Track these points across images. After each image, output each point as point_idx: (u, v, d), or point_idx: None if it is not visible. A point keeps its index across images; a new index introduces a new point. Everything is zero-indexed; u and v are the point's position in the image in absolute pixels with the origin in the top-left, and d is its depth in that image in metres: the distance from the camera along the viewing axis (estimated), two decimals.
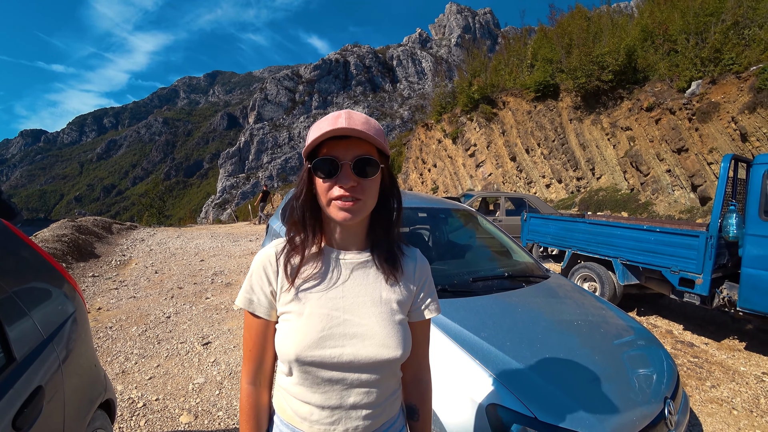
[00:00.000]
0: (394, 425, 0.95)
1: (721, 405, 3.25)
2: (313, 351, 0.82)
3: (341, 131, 0.77)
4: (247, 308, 0.89)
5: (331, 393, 0.85)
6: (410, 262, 0.97)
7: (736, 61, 14.34)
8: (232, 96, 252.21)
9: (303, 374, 0.84)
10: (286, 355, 0.83)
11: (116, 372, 3.43)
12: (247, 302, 0.89)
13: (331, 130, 0.77)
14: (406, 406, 1.02)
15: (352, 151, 0.80)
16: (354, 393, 0.85)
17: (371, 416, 0.87)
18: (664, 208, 15.40)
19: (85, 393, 1.75)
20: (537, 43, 24.45)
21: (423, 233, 3.30)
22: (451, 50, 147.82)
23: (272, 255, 0.90)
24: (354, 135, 0.79)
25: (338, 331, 0.84)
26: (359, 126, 0.78)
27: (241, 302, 0.90)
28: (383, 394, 0.89)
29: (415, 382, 1.02)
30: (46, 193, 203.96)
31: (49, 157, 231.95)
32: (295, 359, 0.82)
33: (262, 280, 0.89)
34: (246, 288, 0.90)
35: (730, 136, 13.77)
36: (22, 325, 1.40)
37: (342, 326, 0.84)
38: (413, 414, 1.01)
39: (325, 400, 0.85)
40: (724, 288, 4.31)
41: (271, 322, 0.90)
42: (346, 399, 0.85)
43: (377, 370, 0.86)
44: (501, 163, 23.41)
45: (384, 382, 0.89)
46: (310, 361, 0.82)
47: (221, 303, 5.39)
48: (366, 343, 0.84)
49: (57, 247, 7.18)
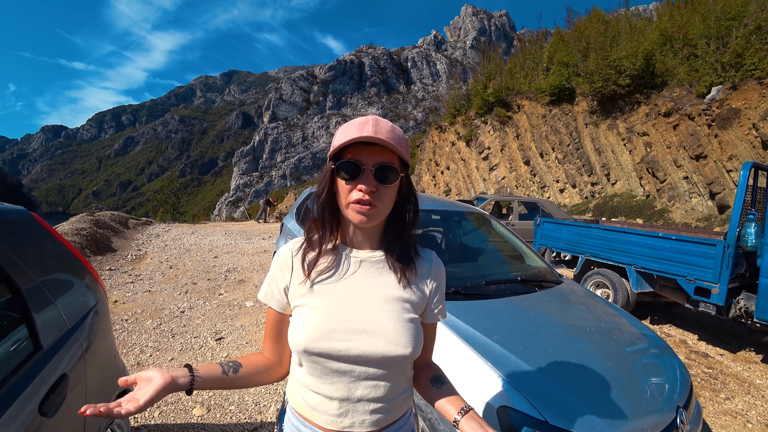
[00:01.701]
0: (404, 426, 0.97)
1: (736, 417, 3.20)
2: (321, 343, 0.85)
3: (367, 138, 0.82)
4: (265, 301, 0.98)
5: (339, 384, 0.88)
6: (425, 264, 1.00)
7: (758, 67, 14.02)
8: (248, 95, 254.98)
9: (312, 365, 0.88)
10: (296, 345, 0.88)
11: (132, 364, 3.51)
12: (264, 295, 0.98)
13: (358, 136, 0.82)
14: (432, 377, 1.03)
15: (374, 158, 0.85)
16: (362, 386, 0.88)
17: (379, 411, 0.90)
18: (680, 216, 15.13)
19: (105, 383, 1.80)
20: (553, 47, 24.21)
21: (436, 236, 3.31)
22: (466, 52, 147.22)
23: (288, 252, 0.97)
24: (379, 143, 0.83)
25: (348, 326, 0.87)
26: (384, 135, 0.83)
27: (261, 295, 0.99)
28: (392, 392, 0.91)
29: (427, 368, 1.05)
30: (65, 187, 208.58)
31: (69, 153, 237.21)
32: (304, 350, 0.87)
33: (278, 276, 0.96)
34: (265, 282, 0.99)
35: (751, 143, 13.46)
36: (48, 314, 1.45)
37: (352, 321, 0.88)
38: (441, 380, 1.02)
39: (333, 391, 0.88)
40: (741, 298, 4.22)
41: (286, 315, 0.96)
42: (354, 391, 0.88)
43: (386, 366, 0.89)
44: (515, 166, 23.24)
45: (393, 378, 0.91)
46: (318, 352, 0.86)
47: (234, 299, 5.47)
48: (376, 339, 0.87)
49: (76, 240, 7.36)
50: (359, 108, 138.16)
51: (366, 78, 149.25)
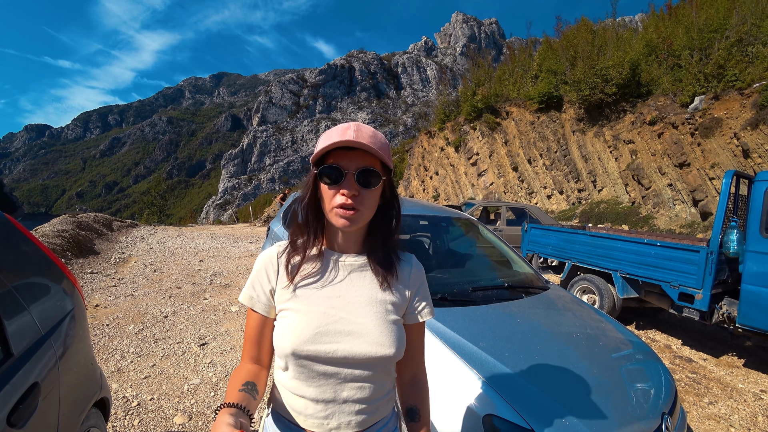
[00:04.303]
0: (386, 425, 0.98)
1: (719, 422, 3.23)
2: (308, 346, 0.86)
3: (348, 143, 0.83)
4: (248, 304, 0.95)
5: (326, 387, 0.88)
6: (406, 267, 1.01)
7: (740, 78, 14.41)
8: (237, 98, 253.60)
9: (299, 368, 0.88)
10: (283, 349, 0.88)
11: (112, 370, 3.42)
12: (248, 299, 0.95)
13: (339, 140, 0.82)
14: (407, 408, 1.03)
15: (356, 162, 0.85)
16: (347, 388, 0.89)
17: (364, 412, 0.91)
18: (664, 222, 15.40)
19: (80, 391, 1.74)
20: (542, 55, 24.58)
21: (424, 241, 3.29)
22: (456, 59, 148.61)
23: (274, 255, 0.96)
24: (360, 147, 0.83)
25: (334, 328, 0.88)
26: (365, 139, 0.83)
27: (243, 298, 0.96)
28: (377, 392, 0.92)
29: (413, 384, 1.04)
30: (48, 187, 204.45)
31: (53, 152, 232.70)
32: (291, 353, 0.86)
33: (263, 279, 0.94)
34: (248, 285, 0.96)
35: (732, 152, 13.79)
36: (20, 320, 1.39)
37: (338, 323, 0.88)
38: (414, 415, 1.02)
39: (320, 393, 0.88)
40: (723, 304, 4.29)
41: (270, 318, 0.94)
42: (340, 393, 0.89)
43: (371, 367, 0.89)
44: (503, 172, 23.45)
45: (377, 379, 0.92)
46: (306, 355, 0.86)
47: (219, 304, 5.38)
48: (361, 341, 0.88)
49: (57, 243, 7.18)
50: (349, 112, 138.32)
51: (356, 82, 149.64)
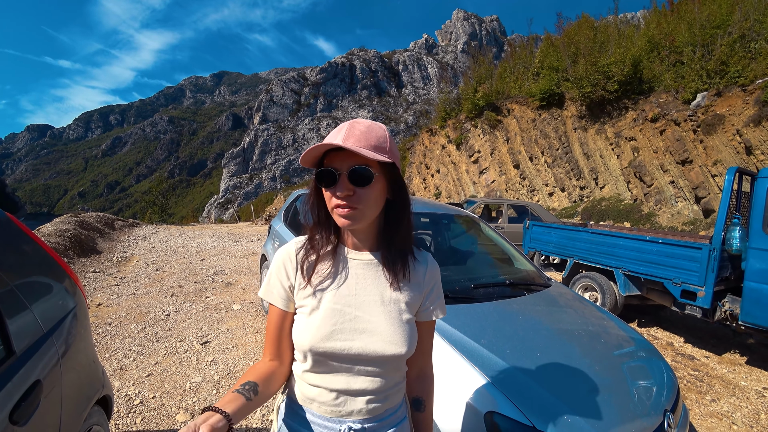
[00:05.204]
0: (396, 413, 1.02)
1: (721, 419, 3.22)
2: (325, 343, 0.89)
3: (334, 146, 0.84)
4: (267, 299, 0.98)
5: (339, 378, 0.92)
6: (421, 266, 1.03)
7: (742, 74, 14.34)
8: (238, 97, 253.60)
9: (315, 361, 0.92)
10: (301, 345, 0.92)
11: (114, 368, 3.43)
12: (267, 293, 0.98)
13: (324, 144, 0.84)
14: (413, 398, 1.10)
15: (348, 162, 0.86)
16: (360, 380, 0.93)
17: (375, 401, 0.94)
18: (667, 220, 15.35)
19: (82, 389, 1.74)
20: (543, 52, 24.51)
21: (425, 238, 3.29)
22: (457, 56, 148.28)
23: (292, 252, 0.99)
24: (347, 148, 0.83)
25: (349, 326, 0.91)
26: (355, 138, 0.84)
27: (263, 293, 0.99)
28: (387, 384, 0.95)
29: (420, 378, 1.10)
30: (50, 187, 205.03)
31: (55, 153, 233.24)
32: (309, 349, 0.90)
33: (282, 275, 0.97)
34: (267, 280, 0.99)
35: (735, 148, 13.74)
36: (22, 319, 1.40)
37: (352, 322, 0.92)
38: (419, 405, 1.10)
39: (333, 384, 0.93)
40: (726, 301, 4.28)
41: (289, 312, 0.97)
42: (353, 385, 0.93)
43: (383, 363, 0.93)
44: (504, 170, 23.40)
45: (388, 374, 0.95)
46: (322, 352, 0.90)
47: (221, 302, 5.39)
48: (374, 339, 0.91)
49: (59, 242, 7.21)
50: (350, 110, 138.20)
51: (357, 81, 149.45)
